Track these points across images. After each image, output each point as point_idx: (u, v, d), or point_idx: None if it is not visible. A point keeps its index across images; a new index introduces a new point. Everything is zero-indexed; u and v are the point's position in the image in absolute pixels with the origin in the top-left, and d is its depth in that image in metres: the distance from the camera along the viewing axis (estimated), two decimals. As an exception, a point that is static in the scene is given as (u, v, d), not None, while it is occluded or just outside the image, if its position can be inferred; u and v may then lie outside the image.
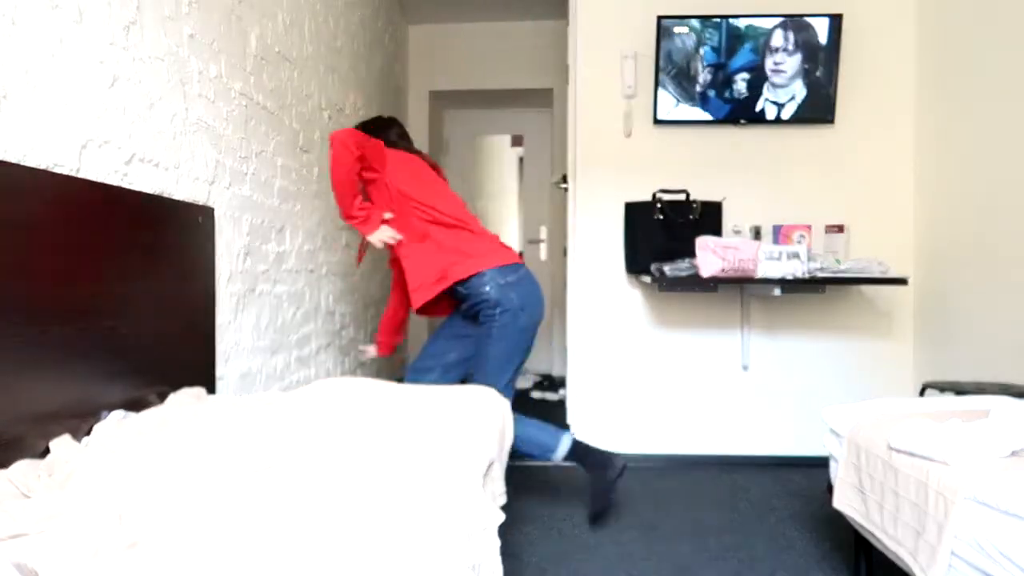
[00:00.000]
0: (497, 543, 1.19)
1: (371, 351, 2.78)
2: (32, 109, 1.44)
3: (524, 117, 5.70)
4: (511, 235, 7.42)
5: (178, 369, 1.93)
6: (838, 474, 1.80)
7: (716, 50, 3.00)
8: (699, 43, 3.00)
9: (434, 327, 5.45)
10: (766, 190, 3.13)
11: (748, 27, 2.98)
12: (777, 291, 2.76)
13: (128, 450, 1.36)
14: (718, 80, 3.03)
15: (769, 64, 3.01)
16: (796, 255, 2.78)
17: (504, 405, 1.97)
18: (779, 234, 2.99)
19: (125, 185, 1.73)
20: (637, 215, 3.02)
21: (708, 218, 3.01)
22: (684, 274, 2.74)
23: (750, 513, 2.48)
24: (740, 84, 3.02)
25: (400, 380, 2.35)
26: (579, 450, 2.33)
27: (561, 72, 4.79)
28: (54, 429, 1.45)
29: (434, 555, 0.91)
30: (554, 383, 4.80)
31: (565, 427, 3.60)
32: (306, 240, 3.00)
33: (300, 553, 0.89)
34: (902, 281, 2.74)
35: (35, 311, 1.40)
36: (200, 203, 2.09)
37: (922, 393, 2.47)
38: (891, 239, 3.12)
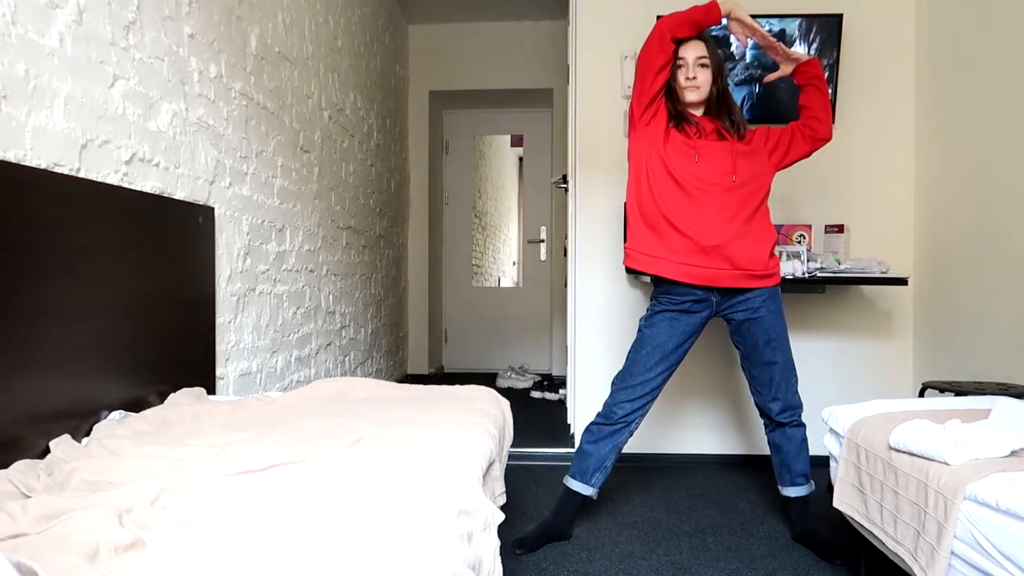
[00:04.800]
0: (497, 543, 1.19)
1: None
2: (32, 109, 1.44)
3: (524, 117, 5.70)
4: (511, 235, 7.43)
5: (178, 369, 1.93)
6: (838, 474, 1.80)
7: (716, 50, 2.99)
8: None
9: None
10: (766, 190, 3.13)
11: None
12: (777, 291, 2.76)
13: (128, 450, 1.36)
14: (718, 80, 3.02)
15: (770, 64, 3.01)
16: (796, 255, 2.78)
17: (505, 404, 1.97)
18: (779, 234, 2.99)
19: (125, 185, 1.73)
20: (637, 215, 3.02)
21: (708, 218, 3.01)
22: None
23: (750, 513, 2.48)
24: (747, 81, 3.02)
25: (399, 381, 2.32)
26: (570, 499, 2.24)
27: (561, 72, 4.79)
28: (54, 429, 1.45)
29: (434, 555, 0.91)
30: (554, 383, 4.80)
31: (566, 427, 3.61)
32: (306, 240, 3.00)
33: (300, 552, 0.89)
34: (902, 281, 2.74)
35: (35, 311, 1.40)
36: (200, 203, 2.09)
37: (922, 393, 2.47)
38: (891, 239, 3.12)
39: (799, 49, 2.96)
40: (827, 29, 2.98)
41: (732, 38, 2.94)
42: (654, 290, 2.21)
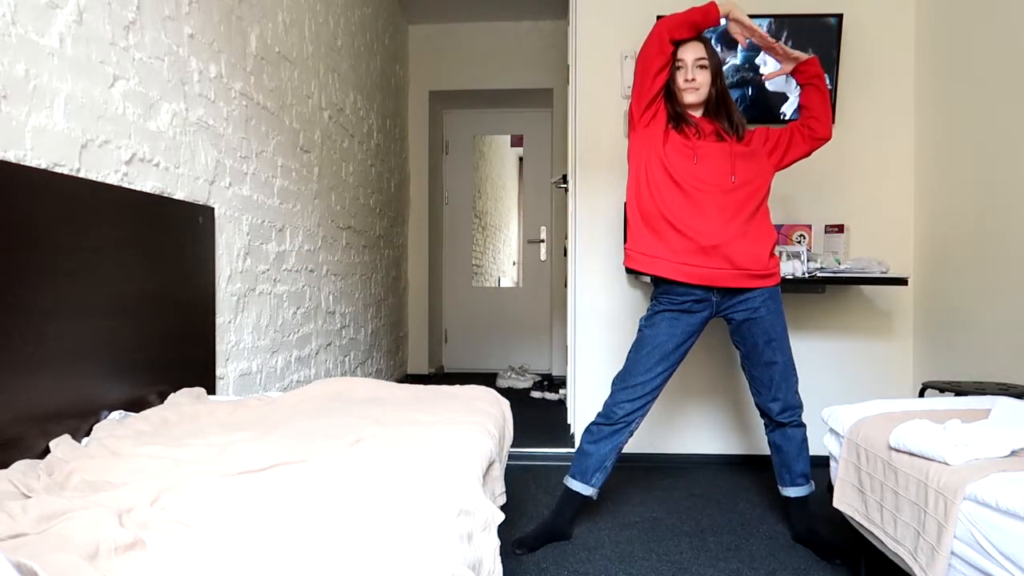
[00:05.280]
0: (497, 543, 1.19)
1: None
2: (32, 109, 1.44)
3: (524, 117, 5.70)
4: (511, 235, 7.43)
5: (178, 369, 1.93)
6: (838, 474, 1.80)
7: (716, 50, 2.99)
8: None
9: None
10: (766, 190, 3.13)
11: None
12: (777, 291, 2.76)
13: (128, 450, 1.36)
14: (718, 80, 3.01)
15: (770, 64, 3.00)
16: (796, 255, 2.79)
17: (505, 404, 1.97)
18: (779, 234, 2.99)
19: (125, 185, 1.73)
20: (637, 215, 3.02)
21: (708, 218, 3.01)
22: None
23: (750, 513, 2.48)
24: (740, 84, 3.02)
25: (399, 381, 2.32)
26: (570, 500, 2.24)
27: (561, 72, 4.79)
28: (54, 429, 1.45)
29: (434, 555, 0.91)
30: (554, 383, 4.80)
31: (566, 427, 3.61)
32: (306, 240, 3.00)
33: (300, 552, 0.89)
34: (902, 281, 2.74)
35: (34, 311, 1.40)
36: (200, 203, 2.09)
37: (922, 393, 2.47)
38: (891, 239, 3.12)
39: None
40: (801, 30, 2.96)
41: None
42: (654, 290, 2.22)
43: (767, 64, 2.99)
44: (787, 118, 3.01)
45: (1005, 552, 1.20)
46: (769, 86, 3.01)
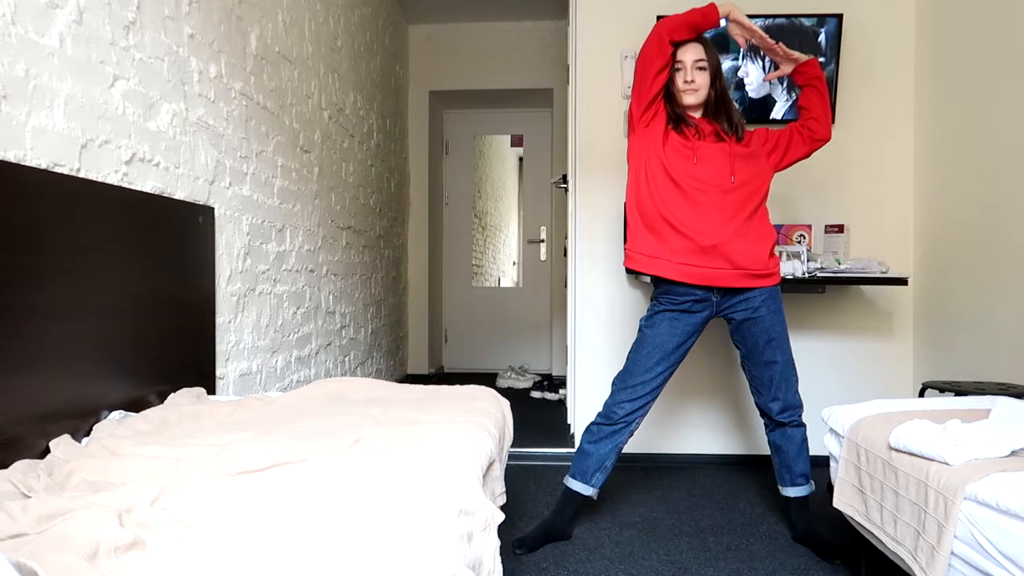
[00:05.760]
0: (497, 543, 1.19)
1: None
2: (32, 109, 1.44)
3: (524, 117, 5.70)
4: (511, 235, 7.43)
5: (178, 369, 1.93)
6: (838, 474, 1.80)
7: (716, 50, 2.98)
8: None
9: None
10: (766, 190, 3.13)
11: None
12: (777, 291, 2.76)
13: (128, 450, 1.36)
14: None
15: (751, 74, 3.00)
16: (796, 255, 2.79)
17: (505, 404, 1.97)
18: (779, 234, 2.99)
19: (125, 185, 1.73)
20: (637, 215, 3.01)
21: (708, 218, 3.00)
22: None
23: (750, 513, 2.48)
24: (740, 83, 3.02)
25: (399, 381, 2.31)
26: (570, 499, 2.24)
27: (561, 72, 4.79)
28: (54, 429, 1.45)
29: (434, 555, 0.91)
30: (554, 383, 4.80)
31: (566, 427, 3.61)
32: (306, 240, 3.00)
33: (300, 552, 0.89)
34: (902, 281, 2.74)
35: (35, 311, 1.40)
36: (200, 203, 2.09)
37: (922, 393, 2.47)
38: (891, 239, 3.12)
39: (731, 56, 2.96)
40: (806, 30, 2.96)
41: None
42: (654, 290, 2.22)
43: (749, 75, 2.99)
44: (772, 117, 3.01)
45: (1005, 552, 1.20)
46: (752, 93, 3.01)
